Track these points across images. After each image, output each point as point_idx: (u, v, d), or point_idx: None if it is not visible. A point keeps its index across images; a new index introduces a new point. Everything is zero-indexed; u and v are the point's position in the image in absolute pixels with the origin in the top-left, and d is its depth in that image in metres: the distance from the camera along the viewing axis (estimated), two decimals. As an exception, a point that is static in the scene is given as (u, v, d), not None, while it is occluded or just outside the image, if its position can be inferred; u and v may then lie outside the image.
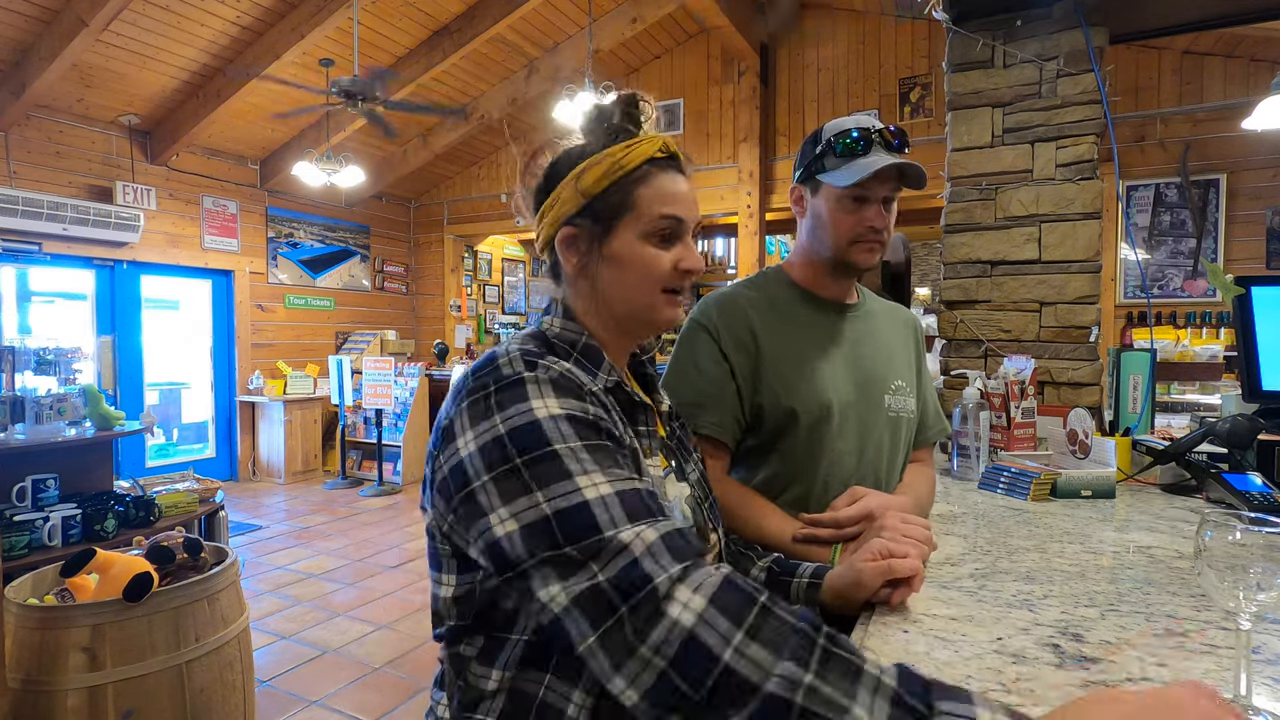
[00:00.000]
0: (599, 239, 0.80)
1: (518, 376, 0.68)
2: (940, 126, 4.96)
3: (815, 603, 0.88)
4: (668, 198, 0.80)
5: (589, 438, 0.66)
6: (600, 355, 0.81)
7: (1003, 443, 1.70)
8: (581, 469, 0.63)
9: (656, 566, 0.57)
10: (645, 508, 0.62)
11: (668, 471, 0.83)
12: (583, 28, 5.86)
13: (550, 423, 0.65)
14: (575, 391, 0.69)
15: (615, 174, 0.79)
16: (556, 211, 0.82)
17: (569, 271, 0.83)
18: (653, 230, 0.80)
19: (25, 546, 2.50)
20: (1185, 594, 0.87)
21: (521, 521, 0.61)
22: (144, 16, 4.60)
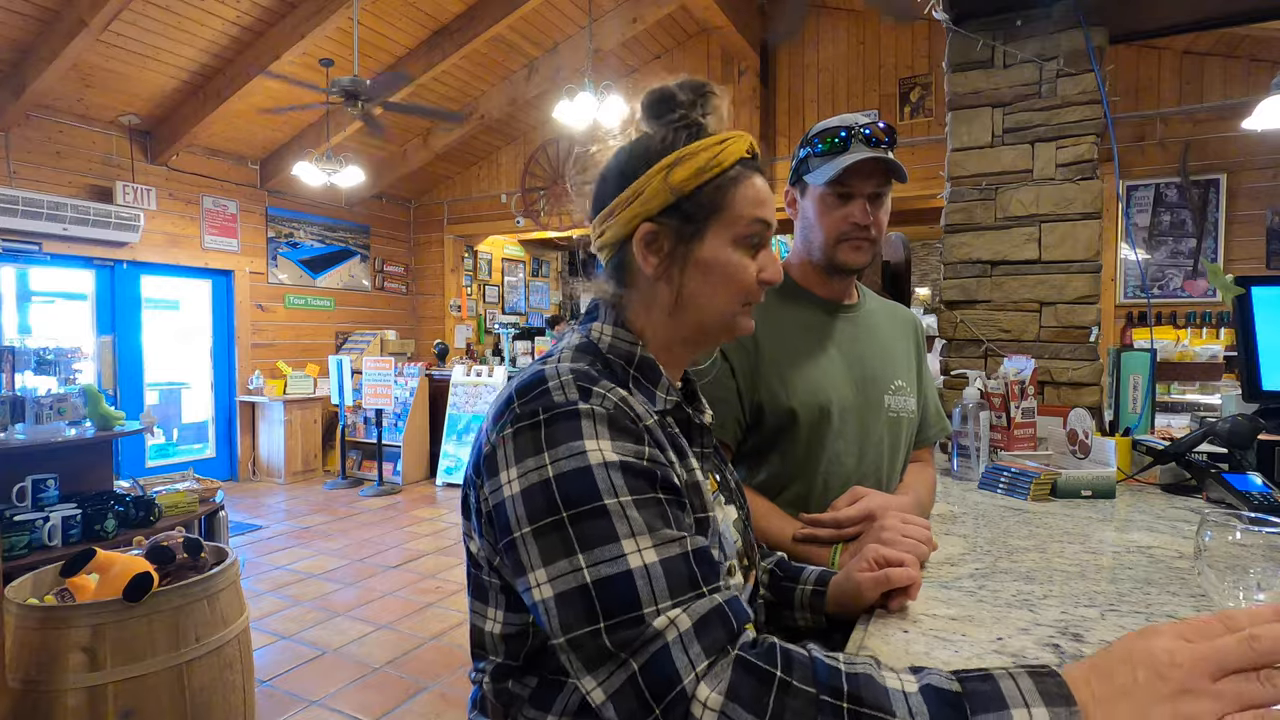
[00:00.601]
0: (687, 241, 0.74)
1: (571, 407, 0.63)
2: (940, 126, 4.96)
3: (820, 610, 0.87)
4: (760, 202, 0.76)
5: (641, 491, 0.61)
6: (658, 371, 0.75)
7: (1003, 443, 1.70)
8: (629, 530, 0.59)
9: (685, 661, 0.54)
10: (689, 578, 0.59)
11: (716, 494, 0.78)
12: (583, 28, 5.86)
13: (603, 471, 0.60)
14: (632, 431, 0.64)
15: (712, 170, 0.73)
16: (636, 208, 0.74)
17: (647, 273, 0.75)
18: (744, 235, 0.75)
19: (25, 546, 2.49)
20: (1185, 594, 0.87)
21: (557, 589, 0.58)
22: (144, 16, 4.61)
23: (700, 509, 0.70)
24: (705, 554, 0.61)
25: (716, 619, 0.57)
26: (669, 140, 0.75)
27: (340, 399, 6.46)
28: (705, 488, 0.72)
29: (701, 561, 0.60)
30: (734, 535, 0.79)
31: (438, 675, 2.77)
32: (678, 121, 0.75)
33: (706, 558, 0.61)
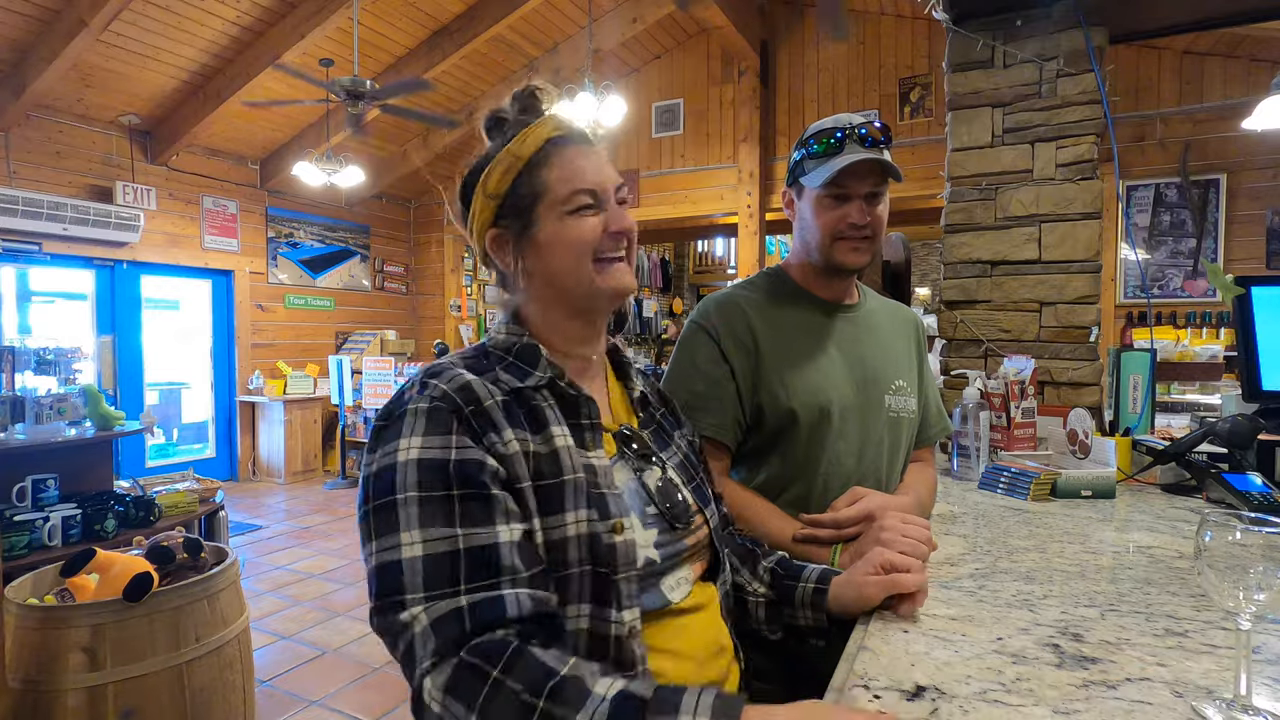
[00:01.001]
0: (524, 231, 0.81)
1: (404, 407, 0.73)
2: (940, 126, 4.96)
3: (822, 608, 0.87)
4: (575, 173, 0.80)
5: (431, 489, 0.68)
6: (536, 354, 0.81)
7: (1003, 443, 1.70)
8: (406, 524, 0.67)
9: (422, 654, 0.63)
10: (449, 575, 0.65)
11: (615, 460, 0.82)
12: (583, 28, 5.86)
13: (402, 470, 0.69)
14: (444, 422, 0.71)
15: (515, 167, 0.80)
16: (477, 224, 0.84)
17: (508, 273, 0.84)
18: (570, 208, 0.80)
19: (25, 546, 2.49)
20: (1185, 594, 0.87)
21: (367, 567, 0.69)
22: (144, 16, 4.61)
23: (553, 475, 0.74)
24: (480, 553, 0.67)
25: (453, 621, 0.64)
26: (484, 160, 0.84)
27: (340, 399, 6.46)
28: (572, 455, 0.76)
29: (472, 557, 0.67)
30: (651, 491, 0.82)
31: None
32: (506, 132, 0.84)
33: (478, 557, 0.67)
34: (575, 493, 0.74)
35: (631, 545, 0.75)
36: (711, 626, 0.83)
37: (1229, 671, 0.66)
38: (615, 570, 0.73)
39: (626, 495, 0.79)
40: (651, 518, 0.81)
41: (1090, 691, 0.63)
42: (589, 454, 0.78)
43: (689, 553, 0.83)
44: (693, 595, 0.82)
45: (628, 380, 0.93)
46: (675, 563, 0.81)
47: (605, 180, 0.82)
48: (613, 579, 0.72)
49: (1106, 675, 0.66)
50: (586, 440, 0.79)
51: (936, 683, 0.65)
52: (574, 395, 0.80)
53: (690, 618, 0.81)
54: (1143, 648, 0.72)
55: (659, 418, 0.94)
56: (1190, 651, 0.71)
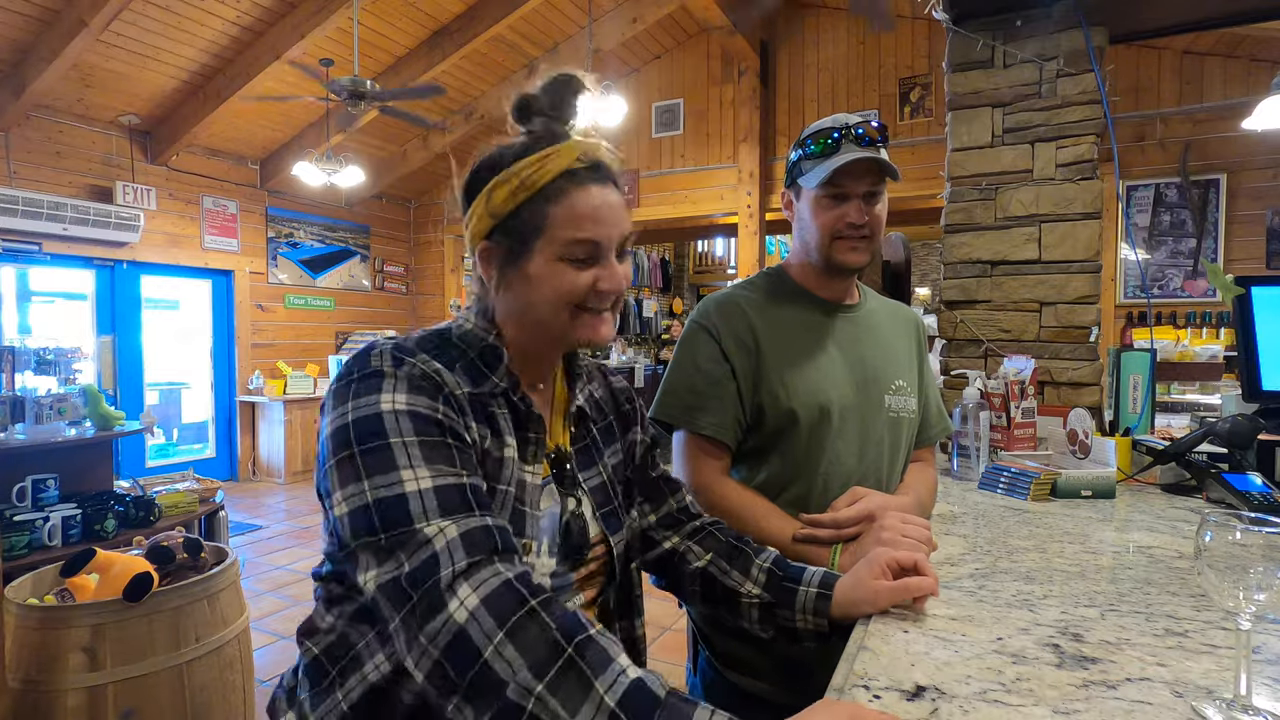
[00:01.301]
0: (514, 259, 0.79)
1: (377, 371, 0.72)
2: (940, 126, 4.96)
3: (824, 614, 0.85)
4: (582, 218, 0.76)
5: (427, 433, 0.69)
6: (498, 358, 0.80)
7: (1003, 443, 1.70)
8: (408, 462, 0.67)
9: (448, 560, 0.62)
10: (462, 502, 0.67)
11: (547, 481, 0.83)
12: (583, 28, 5.86)
13: (391, 416, 0.69)
14: (429, 391, 0.72)
15: (523, 194, 0.76)
16: (471, 229, 0.82)
17: (488, 283, 0.83)
18: (566, 255, 0.77)
19: (25, 546, 2.49)
20: (1185, 594, 0.87)
21: (350, 506, 0.67)
22: (144, 16, 4.61)
23: (493, 478, 0.75)
24: (480, 490, 0.69)
25: (481, 533, 0.65)
26: (502, 159, 0.79)
27: (340, 399, 6.44)
28: (514, 467, 0.77)
29: (476, 493, 0.69)
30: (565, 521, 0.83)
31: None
32: (533, 129, 0.80)
33: (481, 493, 0.69)
34: (502, 506, 0.75)
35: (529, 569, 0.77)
36: None
37: (1229, 671, 0.66)
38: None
39: (545, 520, 0.81)
40: (557, 548, 0.82)
41: (1090, 691, 0.63)
42: (526, 468, 0.79)
43: (578, 582, 0.85)
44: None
45: (572, 389, 0.92)
46: (564, 591, 0.83)
47: (611, 233, 0.78)
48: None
49: (1106, 675, 0.66)
50: (529, 453, 0.80)
51: (936, 683, 0.65)
52: (525, 411, 0.81)
53: None
54: (1143, 648, 0.72)
55: (594, 431, 0.93)
56: (1190, 651, 0.71)
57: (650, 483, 0.99)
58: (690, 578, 0.95)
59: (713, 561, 0.94)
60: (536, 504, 0.80)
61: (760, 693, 1.13)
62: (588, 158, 0.78)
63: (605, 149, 0.80)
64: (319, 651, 0.78)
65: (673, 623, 3.11)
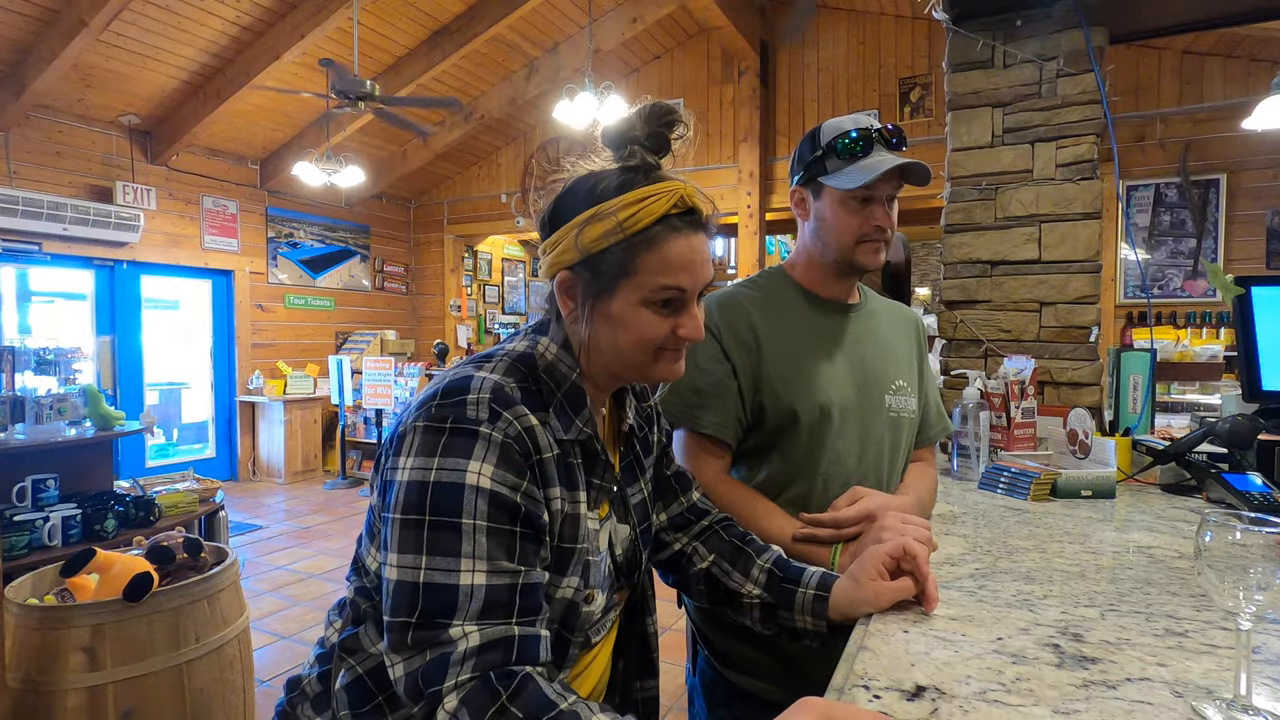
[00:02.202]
0: (597, 295, 0.77)
1: (474, 427, 0.69)
2: (940, 126, 4.96)
3: (822, 615, 0.85)
4: (673, 265, 0.75)
5: (499, 521, 0.68)
6: (583, 401, 0.79)
7: (1003, 443, 1.70)
8: (472, 550, 0.66)
9: (456, 669, 0.63)
10: (504, 606, 0.66)
11: (605, 520, 0.83)
12: (583, 28, 5.86)
13: (473, 494, 0.67)
14: (517, 465, 0.70)
15: (616, 236, 0.74)
16: (554, 258, 0.78)
17: (565, 314, 0.80)
18: (652, 300, 0.76)
19: (25, 546, 2.49)
20: (1185, 594, 0.87)
21: (400, 576, 0.66)
22: (144, 16, 4.61)
23: (570, 540, 0.75)
24: (534, 591, 0.69)
25: (502, 646, 0.65)
26: (596, 190, 0.75)
27: (340, 399, 6.46)
28: (585, 521, 0.77)
29: (525, 595, 0.68)
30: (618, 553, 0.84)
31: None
32: (626, 158, 0.76)
33: (532, 593, 0.69)
34: (577, 561, 0.76)
35: (593, 614, 0.78)
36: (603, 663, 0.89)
37: (1229, 671, 0.66)
38: (573, 633, 0.76)
39: (603, 559, 0.82)
40: (607, 580, 0.83)
41: (1090, 691, 0.63)
42: (590, 514, 0.79)
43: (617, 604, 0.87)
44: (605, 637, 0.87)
45: (621, 409, 0.91)
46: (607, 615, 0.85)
47: (697, 281, 0.77)
48: (569, 640, 0.76)
49: (1106, 675, 0.66)
50: (593, 499, 0.80)
51: (936, 683, 0.65)
52: (603, 460, 0.81)
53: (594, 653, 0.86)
54: (1143, 648, 0.72)
55: (637, 446, 0.93)
56: (1190, 651, 0.71)
57: (664, 481, 1.00)
58: (695, 579, 0.97)
59: (715, 563, 0.95)
60: (598, 548, 0.80)
61: (760, 692, 1.13)
62: (685, 203, 0.75)
63: (701, 195, 0.78)
64: (364, 672, 0.77)
65: (673, 623, 3.11)
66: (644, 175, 0.76)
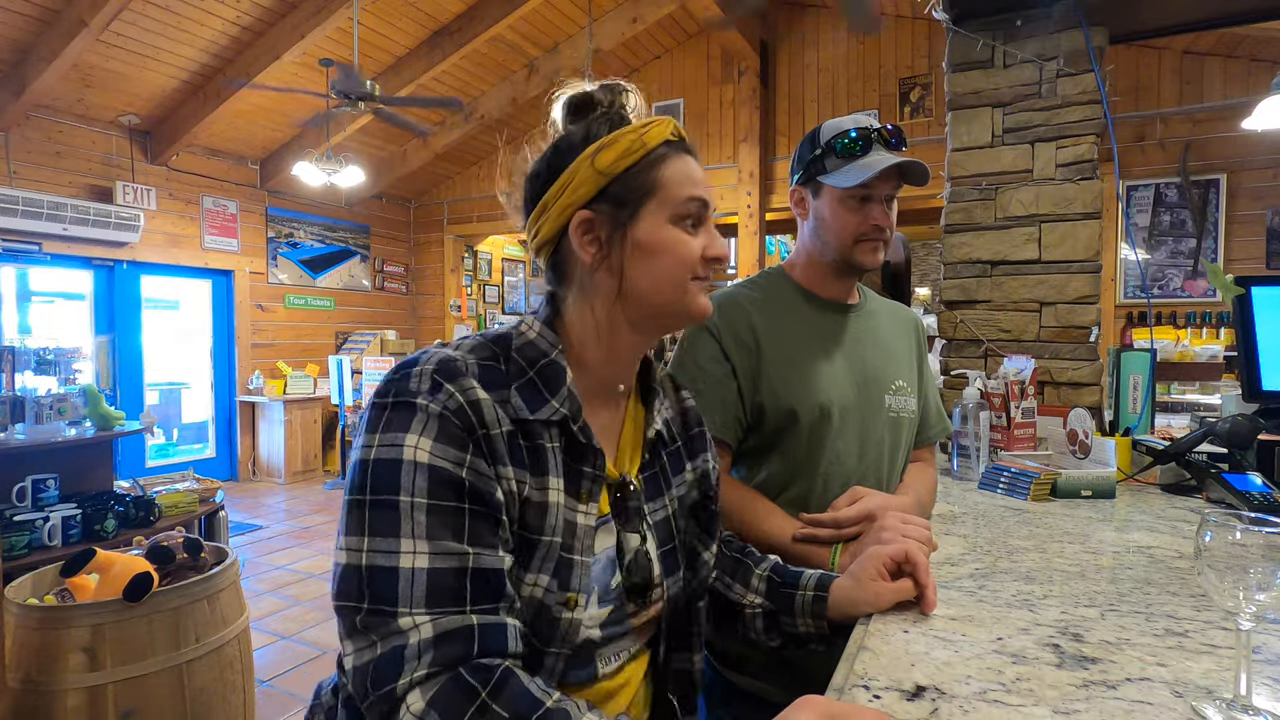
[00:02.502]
0: (623, 224, 0.73)
1: (412, 399, 0.65)
2: (940, 126, 4.96)
3: (822, 615, 0.85)
4: (690, 180, 0.75)
5: (441, 497, 0.63)
6: (561, 379, 0.72)
7: (1003, 443, 1.71)
8: (411, 530, 0.61)
9: (413, 664, 0.58)
10: (453, 592, 0.61)
11: (603, 520, 0.75)
12: (583, 28, 5.86)
13: (409, 469, 0.63)
14: (458, 438, 0.65)
15: (637, 152, 0.72)
16: (567, 198, 0.73)
17: (585, 263, 0.74)
18: (681, 213, 0.74)
19: (25, 546, 2.49)
20: (1185, 594, 0.87)
21: (345, 559, 0.63)
22: (144, 16, 4.61)
23: (535, 530, 0.68)
24: (488, 575, 0.63)
25: (460, 638, 0.59)
26: (592, 131, 0.75)
27: (340, 399, 6.46)
28: (560, 512, 0.70)
29: (479, 579, 0.62)
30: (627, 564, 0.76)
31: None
32: (598, 117, 0.77)
33: (486, 579, 0.63)
34: (545, 557, 0.69)
35: (576, 624, 0.70)
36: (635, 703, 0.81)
37: (1229, 671, 0.66)
38: (549, 644, 0.69)
39: (598, 566, 0.74)
40: (612, 593, 0.75)
41: (1090, 691, 0.63)
42: (579, 508, 0.72)
43: (636, 630, 0.79)
44: (625, 669, 0.79)
45: (650, 411, 0.84)
46: (616, 639, 0.77)
47: (710, 197, 0.76)
48: (543, 652, 0.69)
49: (1106, 675, 0.66)
50: (582, 492, 0.73)
51: (936, 683, 0.65)
52: (583, 444, 0.73)
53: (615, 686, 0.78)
54: (1143, 648, 0.72)
55: (665, 459, 0.86)
56: (1190, 651, 0.71)
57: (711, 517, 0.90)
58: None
59: (718, 578, 0.93)
60: (589, 548, 0.72)
61: (759, 692, 1.13)
62: (678, 133, 0.76)
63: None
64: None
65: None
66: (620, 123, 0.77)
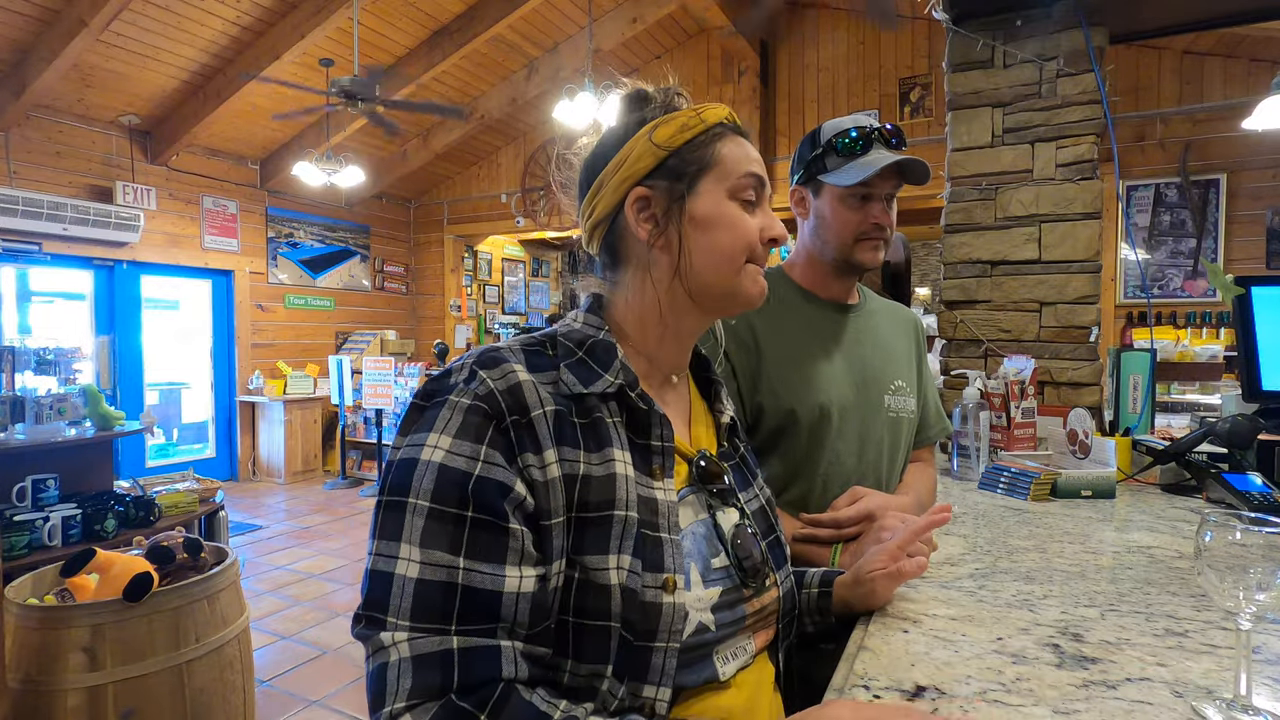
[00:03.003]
0: (681, 199, 0.72)
1: (444, 395, 0.64)
2: (940, 126, 4.96)
3: (827, 612, 0.85)
4: (747, 158, 0.74)
5: (444, 503, 0.59)
6: (612, 354, 0.70)
7: (1003, 443, 1.71)
8: (409, 536, 0.58)
9: (395, 688, 0.55)
10: (439, 608, 0.57)
11: (685, 492, 0.71)
12: (583, 28, 5.86)
13: (422, 469, 0.60)
14: (477, 430, 0.61)
15: (695, 127, 0.72)
16: (624, 172, 0.72)
17: (642, 239, 0.72)
18: (739, 188, 0.73)
19: (25, 546, 2.50)
20: (1185, 594, 0.87)
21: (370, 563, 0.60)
22: (144, 16, 4.61)
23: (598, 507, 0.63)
24: (478, 595, 0.58)
25: (437, 663, 0.55)
26: (647, 115, 0.75)
27: (340, 399, 6.46)
28: (629, 485, 0.65)
29: (467, 599, 0.57)
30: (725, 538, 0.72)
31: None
32: (654, 108, 0.76)
33: (475, 597, 0.58)
34: (623, 534, 0.62)
35: (681, 609, 0.63)
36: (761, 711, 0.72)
37: (1229, 671, 0.66)
38: (654, 637, 0.61)
39: (690, 541, 0.68)
40: (717, 572, 0.69)
41: (1090, 691, 0.63)
42: (654, 484, 0.67)
43: (752, 620, 0.72)
44: (749, 671, 0.71)
45: (717, 401, 0.82)
46: (734, 630, 0.70)
47: (767, 179, 0.76)
48: (649, 648, 0.61)
49: (1106, 675, 0.66)
50: (654, 467, 0.68)
51: (936, 683, 0.65)
52: (644, 410, 0.69)
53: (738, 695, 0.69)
54: (1143, 648, 0.72)
55: (744, 452, 0.83)
56: (1190, 651, 0.71)
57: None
58: None
59: None
60: (674, 524, 0.67)
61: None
62: (732, 118, 0.76)
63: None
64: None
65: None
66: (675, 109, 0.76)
